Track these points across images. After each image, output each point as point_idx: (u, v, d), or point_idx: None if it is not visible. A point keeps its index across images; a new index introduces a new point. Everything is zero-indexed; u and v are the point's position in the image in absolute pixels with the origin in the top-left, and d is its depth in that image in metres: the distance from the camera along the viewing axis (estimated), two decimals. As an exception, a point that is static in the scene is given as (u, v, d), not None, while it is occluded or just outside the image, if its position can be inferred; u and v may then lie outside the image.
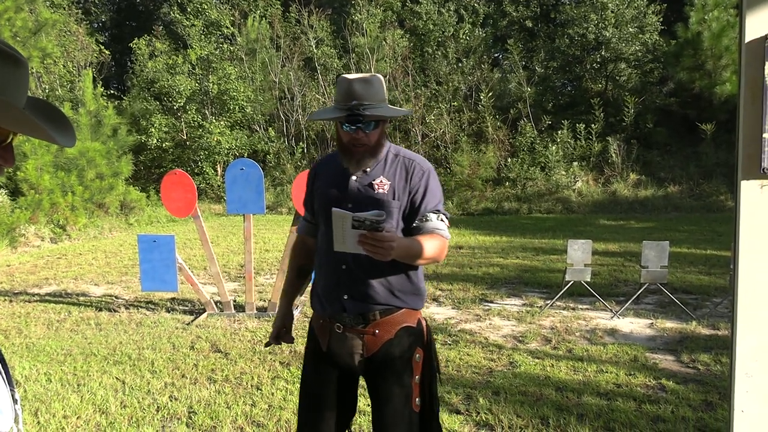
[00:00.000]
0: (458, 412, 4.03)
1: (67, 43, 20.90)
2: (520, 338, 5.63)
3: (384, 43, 21.17)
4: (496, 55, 23.75)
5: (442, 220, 2.28)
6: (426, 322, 2.41)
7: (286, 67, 21.91)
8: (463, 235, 12.59)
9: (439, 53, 21.34)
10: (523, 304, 6.85)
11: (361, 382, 2.41)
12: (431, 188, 2.29)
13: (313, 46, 22.12)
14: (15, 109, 1.20)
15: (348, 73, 2.26)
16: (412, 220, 2.26)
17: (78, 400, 4.35)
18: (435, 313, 6.58)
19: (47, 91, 18.84)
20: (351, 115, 2.16)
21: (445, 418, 3.92)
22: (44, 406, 4.25)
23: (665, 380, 4.54)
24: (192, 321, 6.41)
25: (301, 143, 20.81)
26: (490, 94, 19.43)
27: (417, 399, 2.27)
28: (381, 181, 2.26)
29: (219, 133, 19.93)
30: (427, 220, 2.25)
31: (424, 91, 20.63)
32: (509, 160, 18.18)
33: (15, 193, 12.86)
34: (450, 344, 5.47)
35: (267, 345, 2.66)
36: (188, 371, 4.90)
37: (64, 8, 22.56)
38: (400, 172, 2.28)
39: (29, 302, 7.41)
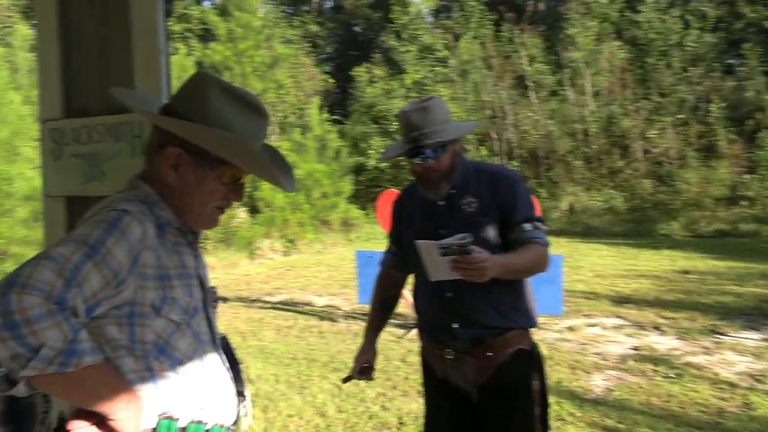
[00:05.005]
0: (682, 452, 3.68)
1: (298, 74, 22.96)
2: (759, 377, 4.99)
3: (600, 56, 20.30)
4: (729, 61, 21.58)
5: (537, 227, 2.18)
6: (537, 345, 2.29)
7: (498, 87, 21.93)
8: (690, 258, 11.54)
9: (662, 63, 19.92)
10: (763, 339, 6.07)
11: None
12: (520, 197, 2.20)
13: (525, 64, 21.90)
14: (257, 155, 1.39)
15: (412, 104, 2.21)
16: (508, 233, 2.17)
17: (300, 402, 4.71)
18: (656, 342, 6.10)
19: (281, 118, 20.82)
20: (413, 148, 2.13)
21: (668, 457, 3.60)
22: (272, 404, 4.66)
23: None
24: (404, 335, 6.62)
25: (512, 161, 20.66)
26: (723, 104, 17.67)
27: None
28: (469, 201, 2.19)
29: (432, 153, 20.49)
30: (522, 231, 2.15)
31: (645, 104, 19.37)
32: (746, 176, 16.33)
33: (253, 210, 14.36)
34: (673, 378, 5.02)
35: (345, 380, 2.56)
36: (399, 383, 5.07)
37: (296, 43, 24.88)
38: (487, 187, 2.21)
39: (263, 309, 8.21)
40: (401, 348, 6.10)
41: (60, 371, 1.14)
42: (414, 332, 6.68)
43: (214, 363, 1.49)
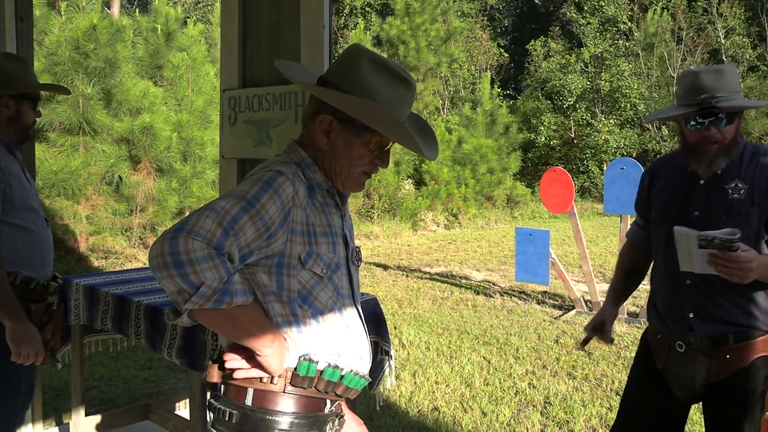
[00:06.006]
0: None
1: (472, 48, 22.83)
2: None
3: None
4: None
5: None
6: None
7: (687, 61, 20.28)
8: None
9: None
10: None
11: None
12: None
13: (722, 36, 20.01)
14: (398, 123, 1.49)
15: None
16: None
17: (449, 370, 4.83)
18: None
19: (452, 92, 20.90)
20: (702, 109, 1.91)
21: None
22: (421, 369, 4.83)
23: None
24: (560, 316, 6.50)
25: (698, 143, 19.11)
26: None
27: None
28: (736, 185, 1.96)
29: (608, 131, 19.54)
30: None
31: None
32: None
33: (419, 183, 14.65)
34: None
35: (584, 344, 2.40)
36: (549, 363, 5.01)
37: (472, 16, 24.70)
38: (761, 174, 1.96)
39: (421, 279, 8.43)
40: (555, 328, 6.00)
41: (215, 307, 1.32)
42: (571, 314, 6.53)
43: (352, 316, 1.61)
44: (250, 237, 1.38)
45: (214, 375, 1.53)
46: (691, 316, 2.02)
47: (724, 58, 19.65)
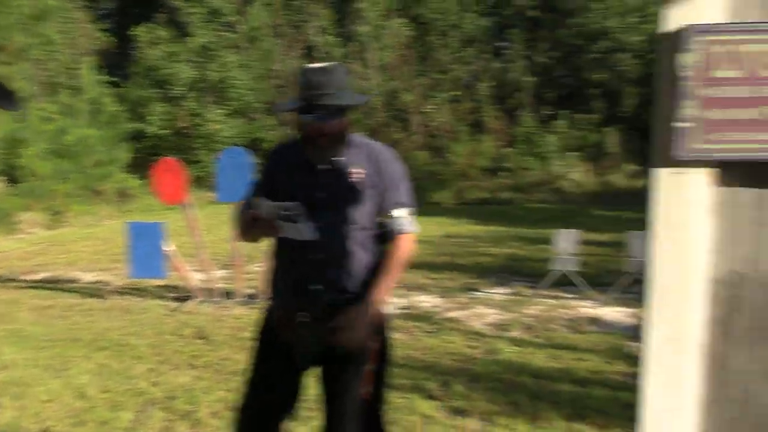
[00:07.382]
0: (433, 398, 4.07)
1: (70, 30, 20.87)
2: (503, 326, 5.66)
3: (386, 31, 21.08)
4: (498, 44, 23.61)
5: (407, 214, 2.28)
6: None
7: (289, 56, 21.86)
8: (456, 224, 12.64)
9: (441, 42, 21.24)
10: (510, 293, 6.88)
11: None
12: (399, 176, 2.28)
13: (315, 34, 22.05)
14: None
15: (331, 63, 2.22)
16: (380, 212, 2.25)
17: (59, 385, 4.40)
18: (421, 301, 6.62)
19: (48, 78, 18.84)
20: (310, 105, 2.10)
21: (420, 404, 3.95)
22: (25, 390, 4.30)
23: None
24: (178, 308, 6.46)
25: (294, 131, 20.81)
26: (492, 83, 19.39)
27: (366, 387, 2.26)
28: (355, 170, 2.22)
29: (218, 121, 19.96)
30: (392, 218, 2.24)
31: (424, 80, 20.56)
32: (506, 150, 18.17)
33: (12, 179, 12.94)
34: (432, 332, 5.51)
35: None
36: (170, 357, 4.95)
37: (69, -4, 22.54)
38: (369, 160, 2.24)
39: (20, 288, 7.50)
40: (175, 321, 5.95)
41: None
42: (190, 304, 6.54)
43: None
44: None
45: None
46: (315, 287, 2.20)
47: (319, 55, 21.69)
